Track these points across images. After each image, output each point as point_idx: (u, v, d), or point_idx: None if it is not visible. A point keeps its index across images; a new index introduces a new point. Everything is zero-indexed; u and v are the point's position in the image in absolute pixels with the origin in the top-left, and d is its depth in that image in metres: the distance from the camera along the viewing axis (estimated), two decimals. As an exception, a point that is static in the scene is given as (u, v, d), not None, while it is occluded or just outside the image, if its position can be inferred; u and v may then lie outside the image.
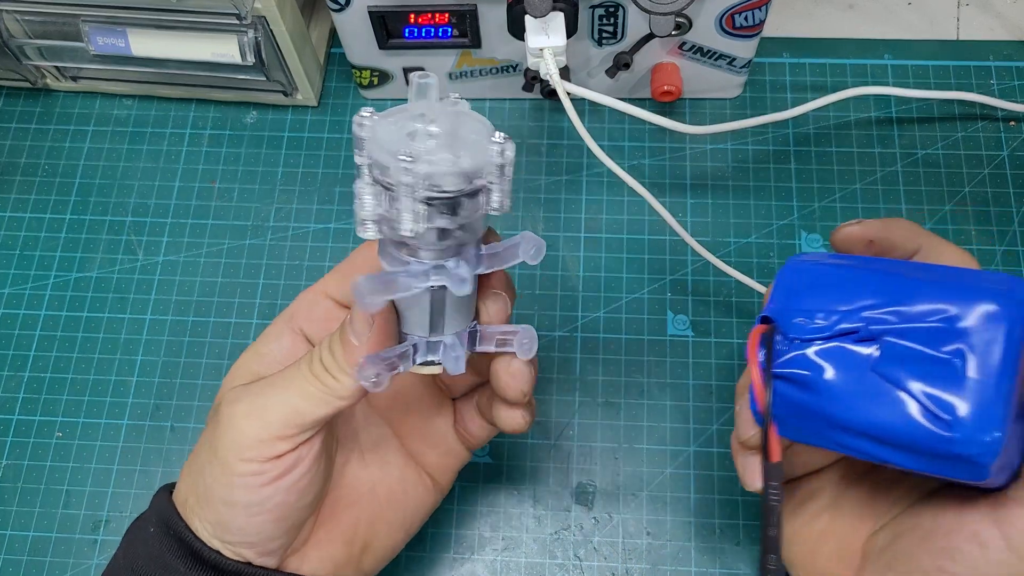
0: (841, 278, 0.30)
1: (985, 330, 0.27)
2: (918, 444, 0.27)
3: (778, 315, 0.30)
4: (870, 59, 0.53)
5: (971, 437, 0.27)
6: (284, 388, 0.32)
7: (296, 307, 0.36)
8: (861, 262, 0.31)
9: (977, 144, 0.51)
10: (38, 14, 0.48)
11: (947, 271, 0.30)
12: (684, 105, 0.53)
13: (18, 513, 0.45)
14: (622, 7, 0.45)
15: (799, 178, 0.51)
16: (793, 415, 0.30)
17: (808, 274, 0.31)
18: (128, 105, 0.54)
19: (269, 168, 0.52)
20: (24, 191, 0.52)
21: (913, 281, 0.29)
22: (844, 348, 0.29)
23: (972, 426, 0.27)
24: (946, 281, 0.29)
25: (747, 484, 0.33)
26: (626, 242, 0.49)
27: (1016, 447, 0.29)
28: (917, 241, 0.33)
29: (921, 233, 0.33)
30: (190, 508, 0.33)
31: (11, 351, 0.48)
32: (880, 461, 0.29)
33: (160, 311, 0.49)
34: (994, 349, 0.27)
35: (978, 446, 0.26)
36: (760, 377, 0.29)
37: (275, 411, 0.31)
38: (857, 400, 0.28)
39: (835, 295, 0.30)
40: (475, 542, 0.44)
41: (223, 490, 0.31)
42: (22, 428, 0.46)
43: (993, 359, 0.27)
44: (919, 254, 0.33)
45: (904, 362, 0.28)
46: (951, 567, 0.28)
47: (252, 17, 0.46)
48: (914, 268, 0.30)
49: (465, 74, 0.51)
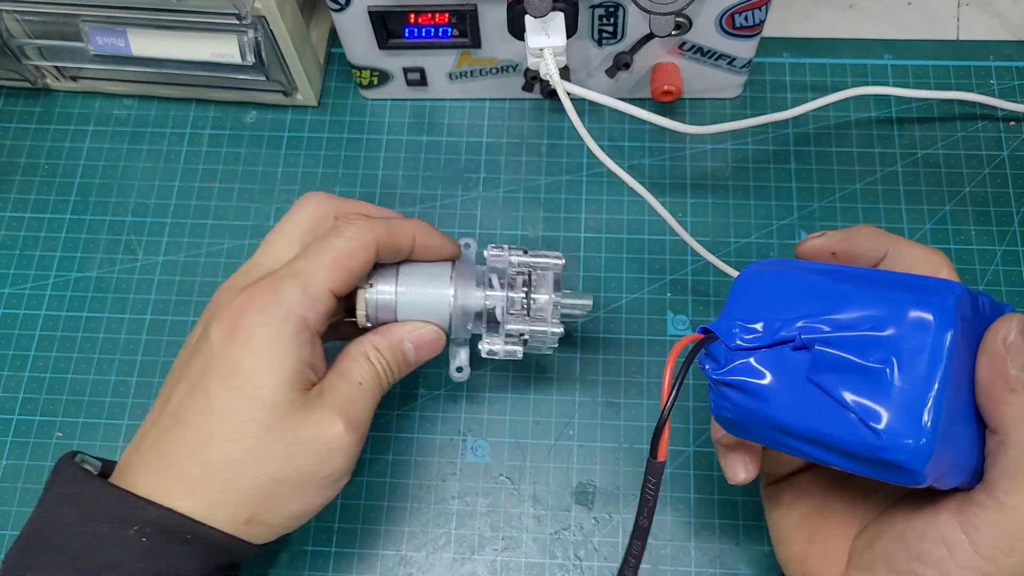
0: (785, 287, 0.31)
1: (913, 338, 0.27)
2: (852, 450, 0.28)
3: (723, 326, 0.31)
4: (870, 59, 0.53)
5: (898, 445, 0.27)
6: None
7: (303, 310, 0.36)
8: (812, 269, 0.32)
9: (977, 144, 0.51)
10: (38, 14, 0.48)
11: (889, 278, 0.30)
12: (684, 105, 0.53)
13: (18, 513, 0.45)
14: (622, 7, 0.45)
15: (799, 178, 0.51)
16: (742, 419, 0.31)
17: (757, 283, 0.32)
18: (128, 105, 0.54)
19: (269, 168, 0.52)
20: (24, 191, 0.52)
21: (851, 288, 0.29)
22: (783, 356, 0.30)
23: (898, 434, 0.27)
24: (883, 288, 0.29)
25: (730, 478, 0.35)
26: (626, 242, 0.49)
27: (968, 447, 0.29)
28: (882, 247, 0.34)
29: (885, 238, 0.34)
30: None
31: (11, 351, 0.48)
32: (826, 464, 0.30)
33: (160, 311, 0.49)
34: (921, 357, 0.27)
35: (905, 453, 0.27)
36: (668, 381, 0.30)
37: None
38: (796, 406, 0.29)
39: (777, 304, 0.30)
40: (475, 542, 0.44)
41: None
42: (22, 428, 0.46)
43: (920, 367, 0.27)
44: (887, 258, 0.33)
45: (834, 370, 0.28)
46: (922, 570, 0.29)
47: (252, 17, 0.46)
48: (859, 275, 0.31)
49: (465, 74, 0.51)
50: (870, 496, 0.33)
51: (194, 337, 0.37)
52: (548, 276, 0.40)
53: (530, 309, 0.40)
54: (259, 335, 0.34)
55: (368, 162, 0.52)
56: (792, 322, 0.30)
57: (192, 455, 0.34)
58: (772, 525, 0.36)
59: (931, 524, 0.29)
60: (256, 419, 0.34)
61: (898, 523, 0.31)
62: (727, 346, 0.31)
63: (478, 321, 0.40)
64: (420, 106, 0.53)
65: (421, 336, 0.39)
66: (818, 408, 0.29)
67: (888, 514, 0.32)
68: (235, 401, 0.34)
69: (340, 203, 0.39)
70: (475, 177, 0.51)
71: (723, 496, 0.44)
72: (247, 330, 0.34)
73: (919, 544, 0.29)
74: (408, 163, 0.52)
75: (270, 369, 0.34)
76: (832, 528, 0.34)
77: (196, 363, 0.35)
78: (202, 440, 0.34)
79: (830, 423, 0.28)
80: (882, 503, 0.33)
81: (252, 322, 0.34)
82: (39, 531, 0.33)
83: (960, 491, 0.29)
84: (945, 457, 0.28)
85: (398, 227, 0.38)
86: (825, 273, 0.31)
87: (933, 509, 0.30)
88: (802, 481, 0.36)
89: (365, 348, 0.38)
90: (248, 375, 0.34)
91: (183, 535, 0.33)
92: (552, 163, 0.52)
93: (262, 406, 0.34)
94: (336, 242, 0.36)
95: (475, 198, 0.51)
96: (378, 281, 0.39)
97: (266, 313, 0.34)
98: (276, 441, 0.34)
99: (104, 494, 0.33)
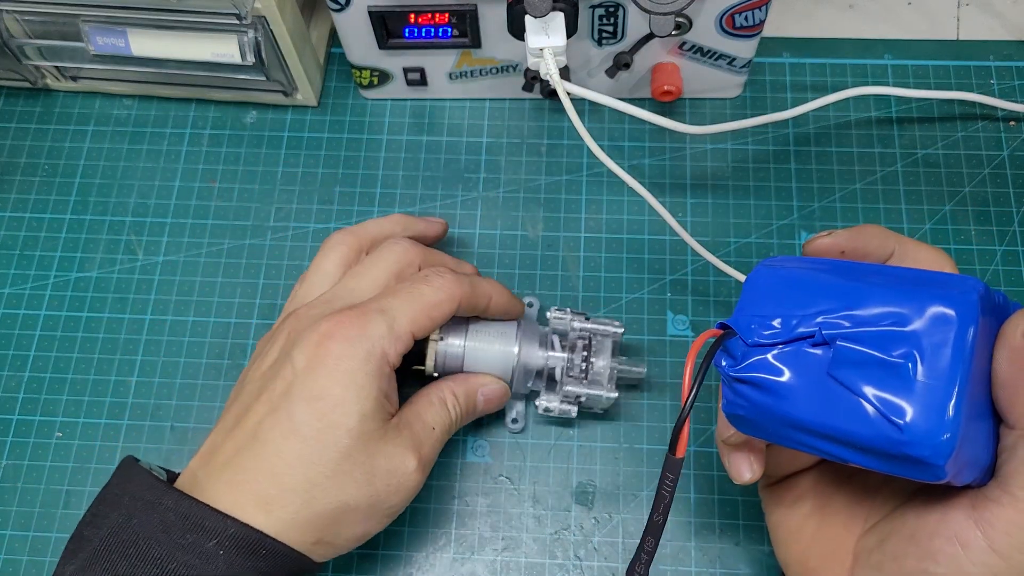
0: (802, 283, 0.31)
1: (935, 333, 0.27)
2: (873, 446, 0.28)
3: (740, 321, 0.31)
4: (870, 59, 0.53)
5: (921, 439, 0.27)
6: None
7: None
8: (826, 265, 0.32)
9: (977, 144, 0.51)
10: (38, 14, 0.48)
11: (906, 274, 0.30)
12: (684, 105, 0.53)
13: (18, 513, 0.45)
14: (622, 7, 0.45)
15: (799, 178, 0.51)
16: (756, 416, 0.31)
17: (771, 280, 0.31)
18: (128, 105, 0.54)
19: (269, 168, 0.52)
20: (24, 191, 0.52)
21: (870, 285, 0.29)
22: (801, 352, 0.30)
23: (922, 429, 0.27)
24: (902, 284, 0.29)
25: (734, 478, 0.35)
26: (626, 242, 0.49)
27: (983, 444, 0.29)
28: (889, 245, 0.34)
29: (891, 237, 0.34)
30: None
31: (11, 351, 0.48)
32: (843, 461, 0.29)
33: (160, 311, 0.49)
34: (944, 352, 0.27)
35: (929, 448, 0.27)
36: (689, 378, 0.29)
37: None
38: (814, 403, 0.29)
39: (794, 300, 0.30)
40: (475, 542, 0.44)
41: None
42: (22, 428, 0.46)
43: (943, 362, 0.27)
44: (894, 257, 0.34)
45: (856, 366, 0.28)
46: (935, 568, 0.29)
47: (252, 17, 0.46)
48: (875, 271, 0.31)
49: (465, 74, 0.51)
50: (874, 496, 0.33)
51: (269, 358, 0.38)
52: (607, 343, 0.43)
53: (588, 372, 0.43)
54: (345, 364, 0.36)
55: (368, 162, 0.52)
56: (811, 318, 0.29)
57: (272, 475, 0.35)
58: (772, 526, 0.36)
59: (943, 522, 0.29)
60: (339, 445, 0.35)
61: (909, 522, 0.30)
62: (745, 342, 0.30)
63: (538, 379, 0.43)
64: (420, 106, 0.53)
65: (493, 391, 0.42)
66: (838, 404, 0.29)
67: (897, 513, 0.32)
68: (320, 426, 0.35)
69: (425, 253, 0.42)
70: (475, 177, 0.51)
71: (723, 496, 0.44)
72: (334, 358, 0.36)
73: (931, 542, 0.29)
74: (408, 163, 0.52)
75: (355, 398, 0.35)
76: (834, 529, 0.34)
77: (278, 385, 0.36)
78: (283, 461, 0.35)
79: (851, 419, 0.28)
80: (887, 503, 0.33)
81: (339, 351, 0.36)
82: (121, 534, 0.34)
83: (972, 488, 0.29)
84: (964, 453, 0.28)
85: (479, 286, 0.41)
86: (839, 269, 0.31)
87: (945, 507, 0.29)
88: (802, 482, 0.36)
89: (444, 394, 0.41)
90: (335, 402, 0.35)
91: (259, 550, 0.34)
92: (552, 163, 0.52)
93: (346, 433, 0.35)
94: (425, 290, 0.38)
95: (475, 198, 0.51)
96: (448, 334, 0.42)
97: (353, 344, 0.36)
98: (354, 468, 0.35)
99: (185, 506, 0.34)
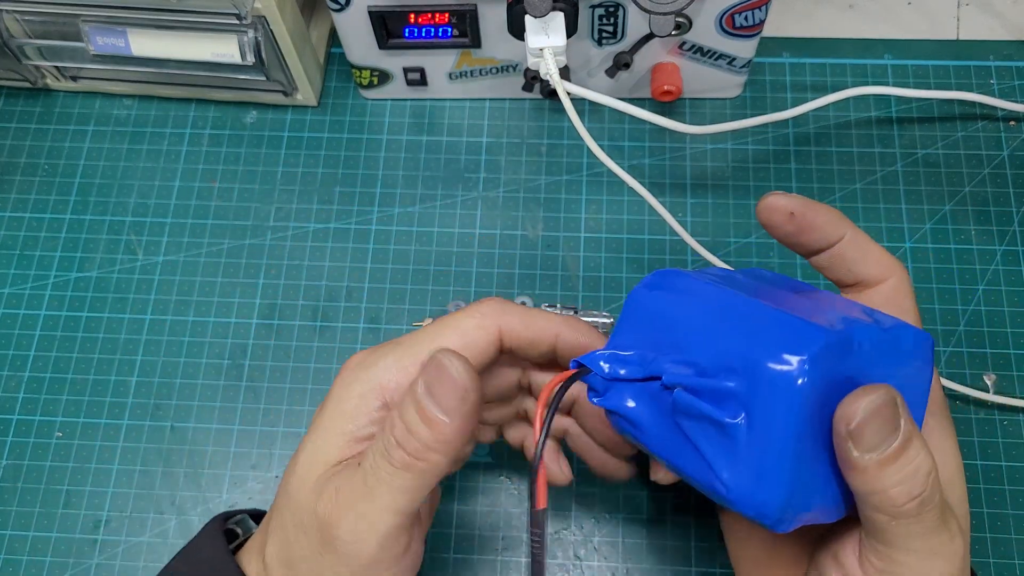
0: (665, 317, 0.30)
1: (767, 394, 0.26)
2: (715, 496, 0.28)
3: (595, 358, 0.30)
4: (870, 59, 0.53)
5: (746, 502, 0.27)
6: (379, 496, 0.30)
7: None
8: (706, 290, 0.30)
9: (977, 144, 0.51)
10: (38, 14, 0.48)
11: (768, 317, 0.28)
12: (684, 105, 0.53)
13: (18, 513, 0.45)
14: (622, 7, 0.45)
15: (799, 178, 0.51)
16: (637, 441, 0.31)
17: (642, 307, 0.31)
18: (128, 105, 0.54)
19: (269, 168, 0.52)
20: (24, 191, 0.52)
21: (726, 327, 0.28)
22: (653, 391, 0.29)
23: (746, 492, 0.27)
24: (754, 332, 0.28)
25: (651, 475, 0.34)
26: (626, 242, 0.49)
27: (835, 480, 0.28)
28: (841, 229, 0.33)
29: (847, 224, 0.33)
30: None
31: (11, 351, 0.48)
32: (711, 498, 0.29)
33: (160, 311, 0.49)
34: (772, 415, 0.26)
35: (753, 510, 0.27)
36: (540, 422, 0.29)
37: (384, 522, 0.30)
38: (666, 441, 0.29)
39: (654, 336, 0.30)
40: (475, 542, 0.44)
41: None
42: (22, 428, 0.46)
43: (771, 426, 0.26)
44: (843, 243, 0.33)
45: (693, 417, 0.28)
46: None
47: (252, 17, 0.46)
48: (742, 307, 0.29)
49: (465, 74, 0.51)
50: (808, 538, 0.33)
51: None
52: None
53: None
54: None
55: (368, 162, 0.52)
56: (663, 359, 0.29)
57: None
58: (730, 555, 0.36)
59: (825, 564, 0.30)
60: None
61: (819, 563, 0.31)
62: (602, 377, 0.30)
63: None
64: (420, 106, 0.53)
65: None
66: (683, 448, 0.29)
67: (817, 556, 0.31)
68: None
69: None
70: (475, 177, 0.51)
71: (723, 496, 0.44)
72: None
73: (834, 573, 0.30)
74: (408, 163, 0.52)
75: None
76: (784, 559, 0.33)
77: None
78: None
79: (693, 465, 0.28)
80: (815, 545, 0.32)
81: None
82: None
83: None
84: (815, 500, 0.28)
85: (533, 318, 0.34)
86: (715, 300, 0.30)
87: (829, 547, 0.30)
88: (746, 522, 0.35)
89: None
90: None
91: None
92: (552, 163, 0.52)
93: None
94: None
95: (475, 198, 0.51)
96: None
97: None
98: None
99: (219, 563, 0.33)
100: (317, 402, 0.47)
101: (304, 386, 0.47)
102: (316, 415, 0.34)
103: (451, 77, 0.51)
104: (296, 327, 0.48)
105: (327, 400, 0.33)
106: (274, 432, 0.46)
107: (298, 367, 0.47)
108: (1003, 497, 0.43)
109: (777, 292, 0.31)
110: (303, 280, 0.49)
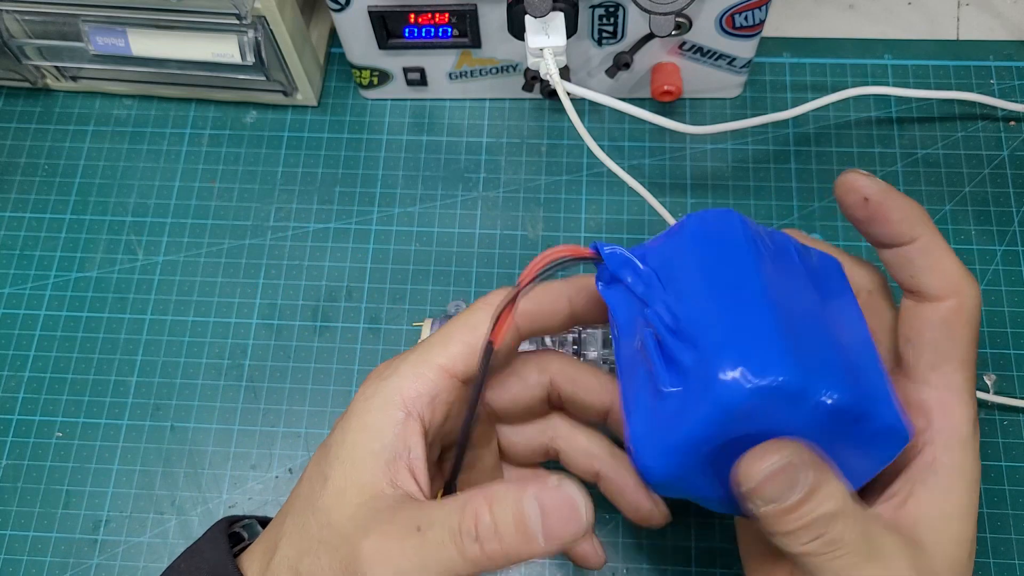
0: (694, 259, 0.29)
1: (703, 392, 0.26)
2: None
3: (616, 256, 0.30)
4: (870, 59, 0.53)
5: (636, 455, 0.29)
6: (427, 570, 0.27)
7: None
8: (739, 254, 0.29)
9: (977, 144, 0.51)
10: (38, 14, 0.48)
11: (759, 325, 0.27)
12: (684, 105, 0.53)
13: (18, 513, 0.45)
14: (622, 7, 0.45)
15: (799, 178, 0.51)
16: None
17: (685, 239, 0.30)
18: (128, 105, 0.54)
19: (269, 168, 0.52)
20: (24, 191, 0.52)
21: (721, 305, 0.28)
22: (639, 311, 0.30)
23: (640, 449, 0.29)
24: (740, 330, 0.27)
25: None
26: (626, 242, 0.49)
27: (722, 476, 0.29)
28: (916, 232, 0.31)
29: (925, 228, 0.31)
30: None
31: (11, 351, 0.48)
32: None
33: (160, 311, 0.49)
34: (697, 413, 0.26)
35: (639, 463, 0.29)
36: (533, 274, 0.30)
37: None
38: (625, 359, 0.31)
39: (673, 269, 0.30)
40: None
41: None
42: (22, 428, 0.46)
43: (690, 419, 0.27)
44: (912, 245, 0.31)
45: (648, 358, 0.29)
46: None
47: (252, 17, 0.46)
48: (746, 295, 0.28)
49: (465, 74, 0.51)
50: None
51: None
52: (597, 334, 0.43)
53: None
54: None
55: (368, 162, 0.52)
56: (662, 294, 0.29)
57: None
58: (740, 551, 0.36)
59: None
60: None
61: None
62: (610, 272, 0.31)
63: None
64: (420, 106, 0.53)
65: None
66: (631, 373, 0.30)
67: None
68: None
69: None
70: (475, 177, 0.51)
71: (723, 496, 0.44)
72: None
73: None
74: (408, 163, 0.52)
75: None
76: (784, 567, 0.33)
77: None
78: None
79: (626, 392, 0.30)
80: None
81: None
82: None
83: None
84: (704, 493, 0.29)
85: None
86: (735, 271, 0.28)
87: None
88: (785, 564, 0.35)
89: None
90: None
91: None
92: (552, 163, 0.52)
93: None
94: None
95: (475, 198, 0.51)
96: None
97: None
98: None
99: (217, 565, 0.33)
100: (317, 402, 0.47)
101: (304, 386, 0.47)
102: (338, 428, 0.32)
103: (451, 77, 0.51)
104: (296, 327, 0.48)
105: (349, 414, 0.32)
106: (274, 432, 0.46)
107: (298, 367, 0.47)
108: (1003, 497, 0.43)
109: (804, 293, 0.29)
110: (303, 280, 0.49)
